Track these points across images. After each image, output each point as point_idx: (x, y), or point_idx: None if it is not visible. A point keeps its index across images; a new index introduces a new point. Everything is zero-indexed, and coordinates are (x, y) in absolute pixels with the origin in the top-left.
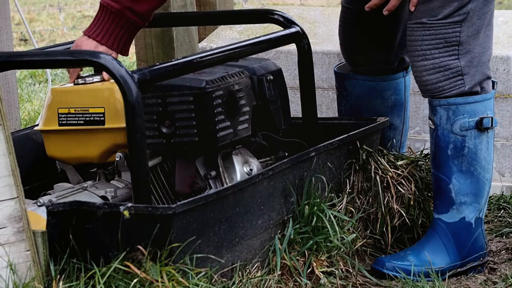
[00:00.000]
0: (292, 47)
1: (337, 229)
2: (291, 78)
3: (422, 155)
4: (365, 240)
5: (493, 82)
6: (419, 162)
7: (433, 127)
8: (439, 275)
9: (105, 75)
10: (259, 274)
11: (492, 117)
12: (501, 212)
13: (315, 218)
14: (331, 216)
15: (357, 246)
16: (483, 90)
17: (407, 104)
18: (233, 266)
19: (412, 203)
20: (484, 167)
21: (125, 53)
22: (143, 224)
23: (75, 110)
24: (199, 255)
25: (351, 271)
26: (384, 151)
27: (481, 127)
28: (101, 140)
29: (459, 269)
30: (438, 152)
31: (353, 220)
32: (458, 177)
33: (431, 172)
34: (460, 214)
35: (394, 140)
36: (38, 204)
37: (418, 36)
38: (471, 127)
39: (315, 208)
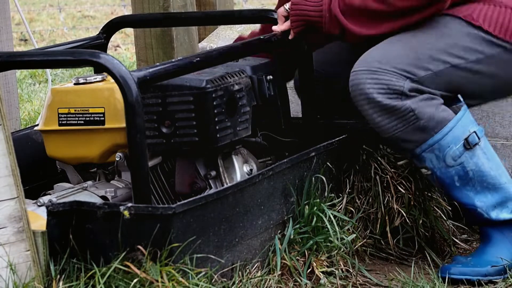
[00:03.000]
0: None
1: (337, 229)
2: None
3: None
4: (365, 240)
5: (457, 97)
6: None
7: (429, 172)
8: (505, 273)
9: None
10: (259, 274)
11: (475, 131)
12: None
13: (315, 218)
14: (331, 216)
15: (357, 246)
16: (444, 119)
17: None
18: (233, 266)
19: (412, 203)
20: (494, 177)
21: None
22: (143, 224)
23: (75, 110)
24: (199, 255)
25: (351, 271)
26: (384, 151)
27: (470, 146)
28: (101, 140)
29: None
30: (449, 189)
31: (353, 220)
32: (479, 197)
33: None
34: (501, 219)
35: None
36: (38, 204)
37: (362, 80)
38: (462, 152)
39: (315, 208)
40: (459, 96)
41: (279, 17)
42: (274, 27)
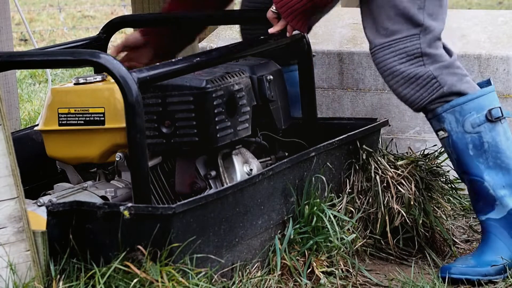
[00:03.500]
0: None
1: (337, 229)
2: None
3: (422, 155)
4: (365, 240)
5: (489, 80)
6: (419, 162)
7: (446, 135)
8: (504, 272)
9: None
10: (259, 274)
11: (500, 107)
12: None
13: (315, 218)
14: (331, 216)
15: (357, 246)
16: (467, 90)
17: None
18: (233, 266)
19: (412, 203)
20: (509, 157)
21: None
22: (143, 224)
23: (75, 110)
24: (199, 255)
25: (351, 271)
26: (384, 151)
27: (491, 118)
28: (101, 140)
29: None
30: (461, 156)
31: (353, 220)
32: (489, 173)
33: (459, 176)
34: (506, 207)
35: None
36: (38, 204)
37: (381, 57)
38: (482, 122)
39: (315, 208)
40: (491, 79)
41: (271, 20)
42: (270, 30)
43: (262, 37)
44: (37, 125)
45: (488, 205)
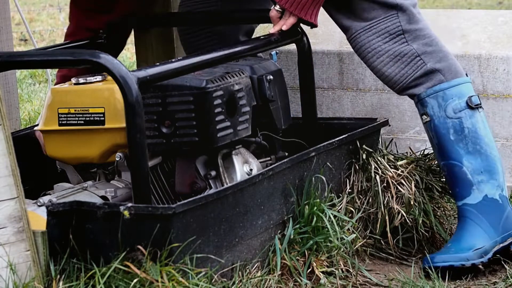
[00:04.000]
0: (292, 47)
1: (337, 229)
2: (291, 78)
3: (422, 155)
4: (365, 240)
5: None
6: (419, 162)
7: (428, 119)
8: (485, 255)
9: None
10: (259, 274)
11: (477, 95)
12: None
13: (315, 218)
14: (331, 216)
15: (357, 246)
16: (451, 70)
17: None
18: (233, 266)
19: (412, 203)
20: (488, 144)
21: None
22: (143, 224)
23: (75, 110)
24: (199, 255)
25: (351, 271)
26: (384, 151)
27: (472, 105)
28: (101, 140)
29: (501, 245)
30: (441, 140)
31: (353, 220)
32: (468, 158)
33: (440, 167)
34: (482, 192)
35: None
36: (38, 204)
37: (364, 40)
38: (463, 108)
39: (315, 208)
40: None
41: (274, 19)
42: (271, 30)
43: (262, 37)
44: (37, 125)
45: (465, 190)
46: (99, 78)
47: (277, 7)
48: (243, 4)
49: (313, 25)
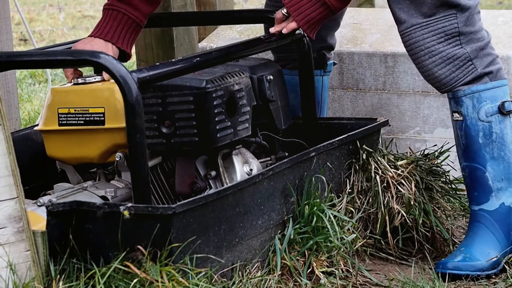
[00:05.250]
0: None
1: (337, 229)
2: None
3: (422, 155)
4: (365, 240)
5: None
6: (419, 162)
7: (460, 118)
8: (497, 266)
9: (105, 75)
10: (259, 274)
11: (511, 101)
12: None
13: (315, 218)
14: (331, 216)
15: (357, 246)
16: (497, 73)
17: (323, 104)
18: (233, 266)
19: (412, 203)
20: (511, 151)
21: (126, 46)
22: (143, 224)
23: (75, 110)
24: (199, 255)
25: (351, 271)
26: (384, 151)
27: (503, 111)
28: (101, 140)
29: (510, 255)
30: (469, 142)
31: (353, 220)
32: (492, 164)
33: (461, 167)
34: (499, 200)
35: None
36: (38, 204)
37: (418, 37)
38: (495, 112)
39: (315, 208)
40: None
41: (277, 21)
42: (271, 29)
43: (262, 37)
44: (37, 125)
45: (484, 195)
46: (98, 78)
47: (284, 11)
48: None
49: (310, 38)
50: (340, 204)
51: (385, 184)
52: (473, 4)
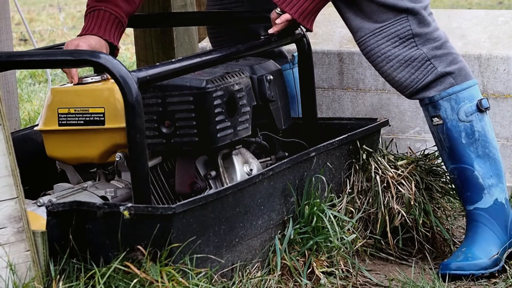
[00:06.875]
0: (292, 47)
1: (337, 229)
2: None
3: (422, 155)
4: (365, 240)
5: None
6: (419, 162)
7: (440, 122)
8: (499, 262)
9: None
10: (259, 274)
11: (486, 98)
12: None
13: (315, 218)
14: (331, 216)
15: (357, 246)
16: (460, 72)
17: (299, 97)
18: (233, 266)
19: (412, 203)
20: (495, 147)
21: (113, 39)
22: (143, 224)
23: (75, 110)
24: (199, 255)
25: (351, 271)
26: (384, 151)
27: (481, 108)
28: (101, 140)
29: (509, 250)
30: (453, 144)
31: (353, 220)
32: (479, 162)
33: (448, 170)
34: (492, 196)
35: None
36: (38, 204)
37: (373, 44)
38: (474, 111)
39: (315, 208)
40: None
41: (272, 20)
42: (269, 30)
43: (262, 37)
44: (37, 125)
45: (477, 194)
46: (98, 78)
47: (278, 10)
48: (267, 4)
49: (308, 30)
50: (340, 204)
51: (385, 184)
52: (422, 6)
